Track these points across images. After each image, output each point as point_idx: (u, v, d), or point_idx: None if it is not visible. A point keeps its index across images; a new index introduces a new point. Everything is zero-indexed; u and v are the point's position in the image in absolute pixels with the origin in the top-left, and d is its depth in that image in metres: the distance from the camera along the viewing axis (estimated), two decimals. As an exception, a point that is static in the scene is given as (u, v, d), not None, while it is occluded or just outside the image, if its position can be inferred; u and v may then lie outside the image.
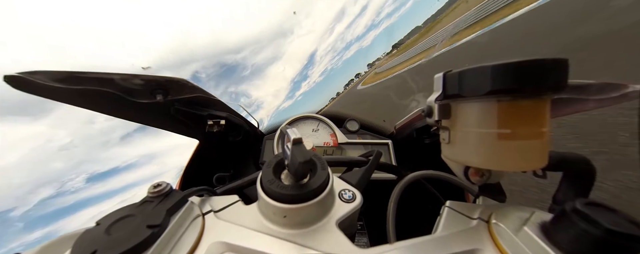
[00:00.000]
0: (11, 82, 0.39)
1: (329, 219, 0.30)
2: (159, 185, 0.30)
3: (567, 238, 0.23)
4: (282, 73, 15.90)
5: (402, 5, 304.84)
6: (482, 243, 0.28)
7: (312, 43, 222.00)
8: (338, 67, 19.96)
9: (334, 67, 35.25)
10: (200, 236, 0.28)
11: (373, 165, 0.45)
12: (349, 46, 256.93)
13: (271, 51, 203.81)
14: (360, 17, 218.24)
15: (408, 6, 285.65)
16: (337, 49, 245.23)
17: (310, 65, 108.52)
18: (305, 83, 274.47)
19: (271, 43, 54.24)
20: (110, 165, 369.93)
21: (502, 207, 0.33)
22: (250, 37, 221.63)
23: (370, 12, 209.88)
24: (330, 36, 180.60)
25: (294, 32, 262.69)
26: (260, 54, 13.45)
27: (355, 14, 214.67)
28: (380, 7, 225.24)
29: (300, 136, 0.28)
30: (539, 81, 0.24)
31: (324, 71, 78.00)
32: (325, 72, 20.95)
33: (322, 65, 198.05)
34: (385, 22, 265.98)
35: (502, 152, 0.28)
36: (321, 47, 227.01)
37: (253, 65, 14.96)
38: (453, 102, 0.32)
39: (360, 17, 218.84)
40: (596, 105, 0.45)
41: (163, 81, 0.54)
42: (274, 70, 16.13)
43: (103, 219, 0.26)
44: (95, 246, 0.22)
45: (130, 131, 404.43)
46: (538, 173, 0.34)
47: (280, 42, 14.30)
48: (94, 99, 0.51)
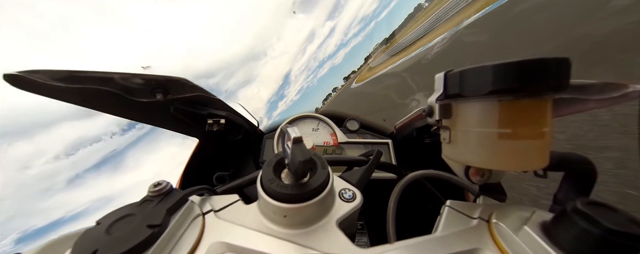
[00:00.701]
0: (11, 80, 0.39)
1: (329, 218, 0.30)
2: (159, 184, 0.30)
3: (568, 238, 0.23)
4: (257, 94, 15.29)
5: (366, 25, 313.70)
6: (482, 242, 0.28)
7: (286, 64, 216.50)
8: (314, 85, 20.04)
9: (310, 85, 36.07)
10: (200, 236, 0.28)
11: (373, 165, 0.45)
12: (322, 64, 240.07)
13: (244, 74, 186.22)
14: (329, 38, 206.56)
15: (371, 26, 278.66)
16: (311, 68, 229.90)
17: (286, 84, 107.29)
18: (282, 103, 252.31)
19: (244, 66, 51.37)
20: (53, 216, 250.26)
21: (502, 206, 0.33)
22: (222, 61, 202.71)
23: (338, 33, 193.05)
24: (303, 56, 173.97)
25: (267, 54, 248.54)
26: (232, 78, 12.91)
27: (324, 35, 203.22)
28: (347, 28, 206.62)
29: (300, 135, 0.28)
30: (541, 81, 0.24)
31: (300, 89, 77.04)
32: (301, 90, 20.85)
33: (298, 83, 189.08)
34: (353, 40, 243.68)
35: (503, 152, 0.28)
36: (295, 67, 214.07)
37: (227, 90, 14.04)
38: (454, 101, 0.32)
39: (329, 37, 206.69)
40: (596, 105, 0.45)
41: (163, 80, 0.53)
42: (248, 93, 15.38)
43: (103, 218, 0.26)
44: (96, 245, 0.22)
45: (80, 172, 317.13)
46: (539, 173, 0.34)
47: (254, 64, 13.95)
48: (94, 98, 0.51)
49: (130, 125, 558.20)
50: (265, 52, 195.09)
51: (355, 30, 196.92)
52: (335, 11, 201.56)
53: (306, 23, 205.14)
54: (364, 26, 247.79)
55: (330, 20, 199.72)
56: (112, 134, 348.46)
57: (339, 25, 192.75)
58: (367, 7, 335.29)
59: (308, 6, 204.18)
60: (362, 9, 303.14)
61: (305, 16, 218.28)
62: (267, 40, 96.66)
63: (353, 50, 15.63)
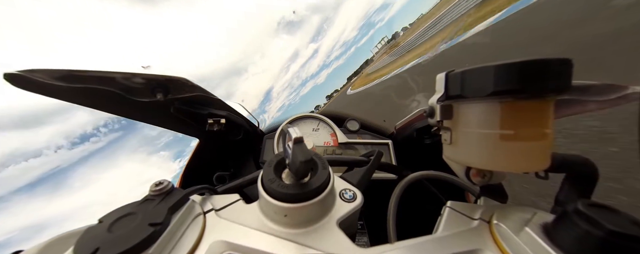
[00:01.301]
0: (11, 80, 0.39)
1: (330, 218, 0.30)
2: (160, 183, 0.30)
3: (569, 239, 0.23)
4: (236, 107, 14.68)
5: (347, 49, 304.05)
6: (483, 243, 0.28)
7: (268, 81, 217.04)
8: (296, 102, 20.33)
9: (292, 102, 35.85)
10: (201, 235, 0.28)
11: (374, 165, 0.45)
12: (304, 83, 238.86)
13: (224, 89, 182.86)
14: (312, 58, 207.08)
15: (352, 51, 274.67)
16: (294, 85, 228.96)
17: (267, 100, 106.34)
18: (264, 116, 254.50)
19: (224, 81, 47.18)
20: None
21: (503, 207, 0.33)
22: (204, 75, 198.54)
23: (321, 54, 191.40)
24: (286, 74, 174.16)
25: (248, 70, 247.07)
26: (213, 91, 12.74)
27: (308, 56, 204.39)
28: (329, 50, 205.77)
29: (301, 136, 0.28)
30: (543, 82, 0.24)
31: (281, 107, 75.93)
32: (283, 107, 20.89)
33: (280, 100, 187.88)
34: (335, 63, 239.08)
35: (504, 153, 0.28)
36: (278, 84, 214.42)
37: None
38: (455, 102, 0.32)
39: (312, 58, 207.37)
40: (596, 107, 0.45)
41: (163, 80, 0.54)
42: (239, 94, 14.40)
43: (105, 217, 0.26)
44: (98, 243, 0.22)
45: (4, 194, 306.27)
46: (540, 175, 0.34)
47: (235, 79, 13.55)
48: (94, 97, 0.51)
49: (83, 138, 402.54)
50: (246, 68, 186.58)
51: (337, 53, 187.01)
52: (318, 35, 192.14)
53: (290, 43, 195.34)
54: (345, 50, 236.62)
55: (314, 43, 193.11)
56: (57, 148, 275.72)
57: (322, 48, 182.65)
58: (348, 33, 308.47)
59: (292, 28, 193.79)
60: (343, 34, 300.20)
61: (289, 37, 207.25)
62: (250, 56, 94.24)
63: (335, 72, 15.96)
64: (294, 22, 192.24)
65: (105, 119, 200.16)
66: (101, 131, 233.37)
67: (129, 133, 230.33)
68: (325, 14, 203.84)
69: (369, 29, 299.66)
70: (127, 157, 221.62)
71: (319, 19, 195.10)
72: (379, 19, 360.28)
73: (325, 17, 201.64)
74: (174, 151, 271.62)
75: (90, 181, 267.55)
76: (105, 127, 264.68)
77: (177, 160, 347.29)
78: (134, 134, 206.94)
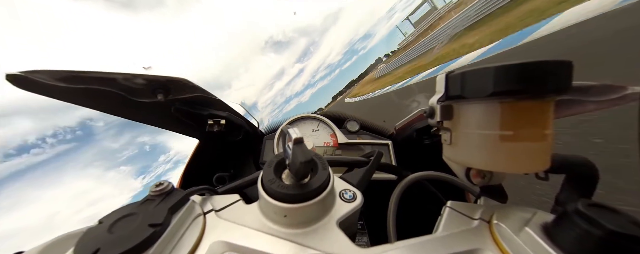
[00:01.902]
0: (13, 81, 0.39)
1: (330, 219, 0.30)
2: (160, 184, 0.30)
3: (569, 239, 0.23)
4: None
5: (332, 71, 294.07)
6: (483, 243, 0.28)
7: (252, 97, 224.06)
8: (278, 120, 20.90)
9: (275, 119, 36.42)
10: (201, 235, 0.28)
11: (374, 165, 0.45)
12: (288, 100, 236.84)
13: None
14: (298, 78, 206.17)
15: (336, 73, 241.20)
16: (277, 103, 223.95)
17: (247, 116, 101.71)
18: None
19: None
20: None
21: (503, 207, 0.33)
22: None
23: (306, 74, 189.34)
24: (270, 91, 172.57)
25: (231, 86, 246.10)
26: None
27: (293, 75, 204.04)
28: (315, 71, 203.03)
29: (301, 136, 0.28)
30: (543, 83, 0.24)
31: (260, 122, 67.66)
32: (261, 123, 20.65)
33: (264, 114, 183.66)
34: (320, 83, 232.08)
35: (504, 154, 0.28)
36: (260, 100, 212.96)
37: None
38: (455, 103, 0.32)
39: (298, 77, 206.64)
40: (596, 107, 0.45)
41: (164, 80, 0.54)
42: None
43: (105, 217, 0.26)
44: (98, 244, 0.22)
45: None
46: (540, 175, 0.34)
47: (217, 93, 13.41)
48: (95, 98, 0.51)
49: (21, 149, 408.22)
50: (230, 84, 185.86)
51: (322, 74, 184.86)
52: (304, 56, 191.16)
53: (276, 61, 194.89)
54: (330, 72, 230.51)
55: (300, 63, 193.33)
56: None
57: (308, 68, 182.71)
58: (333, 56, 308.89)
59: (279, 48, 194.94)
60: (329, 57, 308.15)
61: (276, 55, 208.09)
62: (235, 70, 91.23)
63: (319, 91, 15.81)
64: (281, 42, 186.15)
65: (55, 128, 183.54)
66: (48, 142, 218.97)
67: (84, 145, 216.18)
68: (312, 37, 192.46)
69: (353, 55, 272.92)
70: (77, 173, 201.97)
71: (306, 41, 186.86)
72: (362, 47, 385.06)
73: (312, 40, 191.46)
74: (137, 167, 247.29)
75: (22, 202, 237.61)
76: (54, 137, 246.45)
77: (140, 176, 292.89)
78: (90, 146, 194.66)
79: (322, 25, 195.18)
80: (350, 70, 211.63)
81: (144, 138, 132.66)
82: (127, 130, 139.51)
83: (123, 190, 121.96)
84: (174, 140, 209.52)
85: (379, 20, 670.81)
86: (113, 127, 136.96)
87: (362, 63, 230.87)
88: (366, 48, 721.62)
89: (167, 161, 12.97)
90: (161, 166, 38.75)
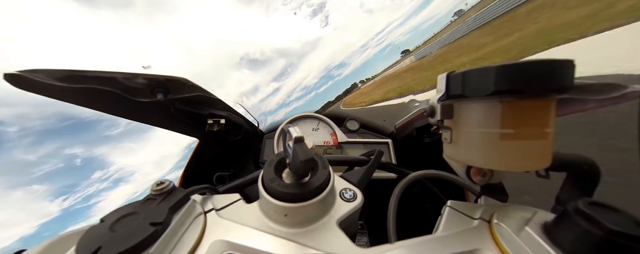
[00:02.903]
0: (12, 80, 0.39)
1: (330, 218, 0.30)
2: (161, 183, 0.30)
3: (569, 238, 0.23)
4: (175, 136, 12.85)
5: (307, 93, 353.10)
6: (483, 242, 0.28)
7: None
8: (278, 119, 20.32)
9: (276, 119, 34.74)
10: (202, 234, 0.28)
11: (374, 164, 0.45)
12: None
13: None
14: (272, 96, 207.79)
15: (312, 95, 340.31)
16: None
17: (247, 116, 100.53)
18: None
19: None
20: None
21: (503, 207, 0.33)
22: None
23: (281, 94, 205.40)
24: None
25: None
26: None
27: (268, 93, 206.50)
28: (290, 91, 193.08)
29: (302, 135, 0.28)
30: (544, 82, 0.24)
31: None
32: None
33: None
34: (295, 103, 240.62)
35: (505, 152, 0.28)
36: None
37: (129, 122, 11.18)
38: (456, 102, 0.32)
39: (272, 95, 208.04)
40: (596, 106, 0.45)
41: (164, 80, 0.54)
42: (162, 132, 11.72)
43: (107, 216, 0.26)
44: (100, 242, 0.22)
45: None
46: (541, 174, 0.34)
47: None
48: (94, 98, 0.51)
49: None
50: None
51: (298, 95, 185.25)
52: (281, 75, 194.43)
53: (251, 78, 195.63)
54: (305, 93, 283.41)
55: (276, 82, 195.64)
56: None
57: (284, 88, 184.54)
58: (309, 79, 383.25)
59: (255, 65, 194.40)
60: (306, 79, 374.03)
61: (250, 72, 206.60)
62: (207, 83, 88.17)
63: (293, 111, 15.91)
64: (258, 61, 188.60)
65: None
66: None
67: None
68: (291, 59, 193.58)
69: (328, 80, 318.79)
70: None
71: (284, 63, 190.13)
72: (338, 74, 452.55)
73: (290, 62, 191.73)
74: (56, 186, 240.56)
75: None
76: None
77: (60, 197, 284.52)
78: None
79: (301, 49, 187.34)
80: (326, 93, 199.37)
81: (76, 149, 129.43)
82: (52, 139, 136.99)
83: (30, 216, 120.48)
84: (119, 154, 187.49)
85: (353, 53, 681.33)
86: (31, 134, 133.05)
87: (338, 87, 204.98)
88: (341, 76, 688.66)
89: (103, 180, 11.65)
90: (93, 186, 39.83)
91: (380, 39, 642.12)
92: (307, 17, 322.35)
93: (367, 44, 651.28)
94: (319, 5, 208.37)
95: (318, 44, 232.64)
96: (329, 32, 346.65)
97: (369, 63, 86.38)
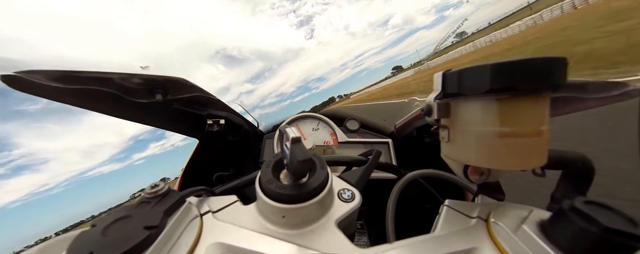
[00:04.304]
0: (8, 81, 0.39)
1: (328, 219, 0.30)
2: (156, 185, 0.30)
3: (565, 236, 0.23)
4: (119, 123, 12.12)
5: (282, 100, 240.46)
6: (480, 241, 0.28)
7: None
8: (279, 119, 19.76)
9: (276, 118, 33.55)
10: (198, 237, 0.28)
11: (372, 165, 0.45)
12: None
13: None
14: (246, 96, 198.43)
15: (286, 103, 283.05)
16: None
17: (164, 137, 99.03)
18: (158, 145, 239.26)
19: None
20: None
21: (500, 206, 0.33)
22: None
23: (255, 96, 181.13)
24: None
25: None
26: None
27: (240, 92, 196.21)
28: (265, 96, 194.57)
29: (299, 135, 0.28)
30: (537, 79, 0.24)
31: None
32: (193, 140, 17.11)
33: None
34: (268, 108, 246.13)
35: (502, 151, 0.27)
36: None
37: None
38: (452, 100, 0.32)
39: (246, 95, 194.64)
40: (596, 104, 0.45)
41: (162, 80, 0.53)
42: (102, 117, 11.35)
43: (99, 220, 0.25)
44: (91, 248, 0.21)
45: None
46: (537, 172, 0.34)
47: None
48: (92, 99, 0.51)
49: None
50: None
51: (272, 100, 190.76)
52: (257, 78, 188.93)
53: (224, 75, 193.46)
54: (280, 100, 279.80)
55: (250, 84, 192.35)
56: None
57: (258, 91, 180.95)
58: (286, 87, 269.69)
59: (231, 62, 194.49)
60: (283, 87, 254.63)
61: (225, 69, 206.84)
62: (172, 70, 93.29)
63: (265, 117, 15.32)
64: (235, 58, 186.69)
65: None
66: None
67: None
68: (270, 63, 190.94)
69: (305, 91, 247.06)
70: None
71: (262, 66, 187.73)
72: (315, 87, 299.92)
73: (269, 67, 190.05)
74: None
75: None
76: None
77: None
78: None
79: (283, 56, 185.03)
80: (301, 103, 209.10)
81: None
82: None
83: None
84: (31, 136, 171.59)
85: (333, 70, 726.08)
86: None
87: (315, 99, 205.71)
88: (319, 89, 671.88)
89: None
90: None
91: (359, 61, 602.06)
92: (294, 26, 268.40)
93: (347, 64, 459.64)
94: (306, 17, 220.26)
95: (300, 54, 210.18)
96: (313, 45, 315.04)
97: (346, 82, 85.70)
